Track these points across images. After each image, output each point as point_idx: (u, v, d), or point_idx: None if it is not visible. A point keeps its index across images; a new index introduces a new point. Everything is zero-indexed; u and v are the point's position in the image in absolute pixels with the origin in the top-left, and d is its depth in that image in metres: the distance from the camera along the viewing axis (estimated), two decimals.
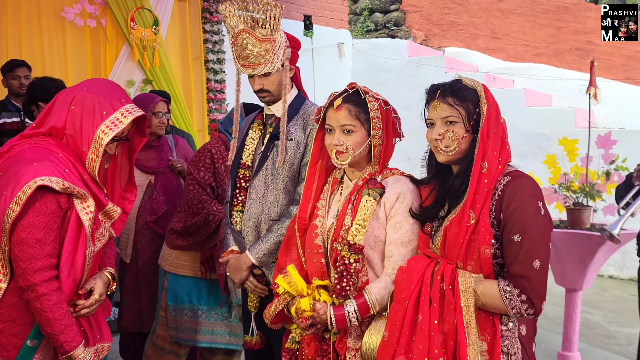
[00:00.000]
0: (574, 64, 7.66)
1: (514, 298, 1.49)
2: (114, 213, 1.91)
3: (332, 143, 1.80)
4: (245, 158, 2.28)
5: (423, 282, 1.58)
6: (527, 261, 1.49)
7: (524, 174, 1.60)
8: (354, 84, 1.83)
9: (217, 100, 6.23)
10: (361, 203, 1.77)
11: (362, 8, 9.85)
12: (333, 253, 1.79)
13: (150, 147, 3.14)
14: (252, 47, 2.06)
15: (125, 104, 1.80)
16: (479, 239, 1.53)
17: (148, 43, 5.56)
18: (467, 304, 1.52)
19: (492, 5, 8.28)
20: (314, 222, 1.86)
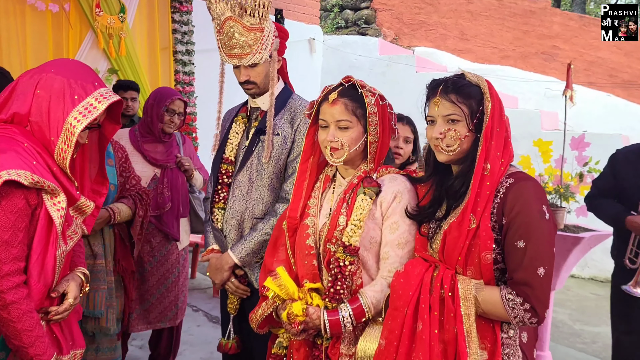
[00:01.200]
0: (539, 67, 7.82)
1: (517, 307, 1.43)
2: (87, 208, 1.75)
3: (327, 139, 1.70)
4: (228, 153, 2.18)
5: (422, 288, 1.51)
6: (531, 268, 1.42)
7: (527, 175, 1.54)
8: (350, 77, 1.73)
9: (185, 93, 6.05)
10: (357, 202, 1.68)
11: (332, 4, 9.80)
12: (326, 254, 1.70)
13: (159, 141, 3.06)
14: (239, 36, 1.96)
15: (99, 87, 1.63)
16: (479, 244, 1.46)
17: (114, 31, 5.34)
18: (467, 311, 1.45)
19: (461, 6, 8.36)
20: (305, 221, 1.77)
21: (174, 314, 3.09)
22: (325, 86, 1.76)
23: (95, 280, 2.36)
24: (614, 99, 7.15)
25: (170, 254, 3.06)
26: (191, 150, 3.35)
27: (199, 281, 5.40)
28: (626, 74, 7.29)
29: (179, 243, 3.10)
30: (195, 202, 3.29)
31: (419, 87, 5.94)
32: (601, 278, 6.16)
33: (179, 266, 3.10)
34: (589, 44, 7.54)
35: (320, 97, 1.75)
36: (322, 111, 1.72)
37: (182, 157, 3.11)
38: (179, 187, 3.09)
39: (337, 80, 1.77)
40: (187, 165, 3.10)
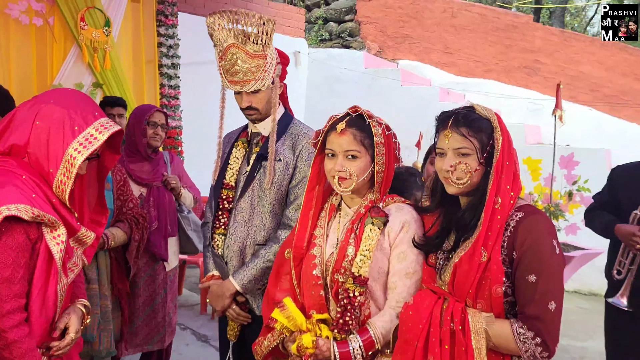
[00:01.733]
0: (522, 81, 7.94)
1: (528, 341, 1.43)
2: (87, 239, 1.71)
3: (335, 169, 1.69)
4: (229, 178, 2.16)
5: (432, 321, 1.51)
6: (542, 302, 1.43)
7: (537, 209, 1.56)
8: (358, 107, 1.74)
9: (171, 107, 6.00)
10: (365, 232, 1.67)
11: (316, 17, 9.83)
12: (334, 285, 1.69)
13: (146, 159, 3.01)
14: (242, 62, 1.94)
15: (99, 117, 1.61)
16: (490, 277, 1.47)
17: (99, 45, 5.27)
18: (478, 345, 1.45)
19: (445, 20, 8.46)
20: (311, 251, 1.75)
21: (162, 336, 3.03)
22: (332, 115, 1.75)
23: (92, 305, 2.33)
24: (596, 113, 7.29)
25: (158, 275, 3.00)
26: (180, 169, 3.30)
27: (185, 298, 5.32)
28: (607, 89, 7.45)
29: (166, 263, 3.04)
30: (184, 221, 3.23)
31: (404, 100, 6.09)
32: (584, 291, 6.25)
33: (167, 287, 3.04)
34: (570, 58, 7.68)
35: (326, 126, 1.75)
36: (330, 141, 1.72)
37: (169, 176, 3.06)
38: (165, 206, 3.03)
39: (322, 93, 1.80)
40: (174, 183, 3.05)
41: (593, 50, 7.62)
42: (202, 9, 6.68)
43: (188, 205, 3.26)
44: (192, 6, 6.62)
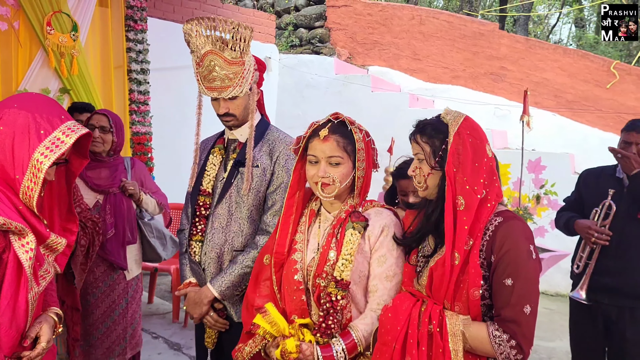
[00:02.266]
0: (489, 87, 8.12)
1: (503, 343, 1.46)
2: (58, 245, 1.67)
3: (318, 175, 1.71)
4: (206, 184, 2.15)
5: (410, 323, 1.54)
6: (518, 306, 1.46)
7: (516, 215, 1.58)
8: (339, 114, 1.76)
9: (140, 112, 5.93)
10: (346, 237, 1.70)
11: (286, 23, 9.85)
12: (315, 289, 1.71)
13: (102, 164, 2.90)
14: (220, 69, 1.94)
15: (66, 120, 1.56)
16: (468, 280, 1.50)
17: (66, 49, 5.18)
18: (455, 347, 1.49)
19: (413, 27, 8.59)
20: (292, 256, 1.76)
21: (123, 348, 2.92)
22: (312, 122, 1.77)
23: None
24: (559, 118, 7.50)
25: (117, 284, 2.91)
26: (143, 174, 3.19)
27: (157, 306, 5.25)
28: (570, 95, 7.68)
29: (127, 272, 2.96)
30: (146, 228, 3.13)
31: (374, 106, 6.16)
32: (552, 292, 6.41)
33: (127, 297, 2.95)
34: (534, 65, 7.89)
35: (308, 132, 1.76)
36: (312, 147, 1.73)
37: (127, 182, 2.95)
38: (124, 213, 2.92)
39: (293, 99, 1.83)
40: (132, 189, 2.94)
41: (556, 57, 7.85)
42: (171, 14, 6.63)
43: (151, 211, 3.16)
44: (162, 11, 6.57)
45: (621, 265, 2.77)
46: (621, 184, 2.82)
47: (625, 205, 2.77)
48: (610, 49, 15.51)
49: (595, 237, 2.74)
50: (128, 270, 2.95)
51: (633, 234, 2.77)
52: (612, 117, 7.25)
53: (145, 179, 3.17)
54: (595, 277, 2.80)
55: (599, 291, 2.81)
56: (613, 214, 2.75)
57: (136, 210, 3.05)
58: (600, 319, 2.85)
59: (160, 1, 6.59)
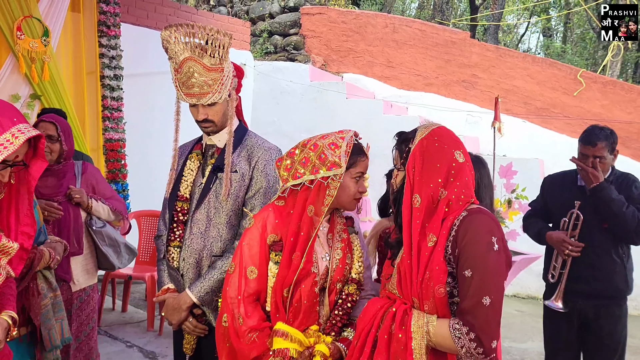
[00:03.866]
0: (461, 94, 8.27)
1: (462, 336, 1.44)
2: (10, 249, 1.67)
3: (363, 191, 1.86)
4: (183, 190, 2.15)
5: (373, 323, 1.57)
6: (476, 297, 1.45)
7: (483, 209, 1.58)
8: (356, 132, 1.91)
9: (113, 119, 5.86)
10: (354, 241, 1.89)
11: (261, 30, 9.87)
12: (331, 293, 1.83)
13: (49, 172, 2.77)
14: (199, 75, 1.95)
15: (18, 123, 1.57)
16: (433, 277, 1.49)
17: (37, 55, 5.10)
18: (418, 345, 1.48)
19: (387, 35, 8.70)
20: (312, 269, 1.79)
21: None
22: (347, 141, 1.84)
23: (59, 310, 2.24)
24: (529, 125, 7.69)
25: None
26: (95, 179, 3.06)
27: (131, 315, 5.18)
28: (539, 102, 7.87)
29: (72, 284, 2.85)
30: (97, 236, 3.00)
31: (349, 113, 6.21)
32: (523, 295, 6.54)
33: (71, 309, 2.83)
34: (505, 73, 8.08)
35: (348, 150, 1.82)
36: (362, 164, 1.87)
37: (73, 189, 2.83)
38: (69, 223, 2.80)
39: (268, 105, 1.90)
40: (78, 197, 2.82)
41: (525, 65, 8.05)
42: (145, 20, 6.58)
43: (105, 218, 3.04)
44: (135, 17, 6.52)
45: (592, 273, 2.86)
46: (583, 191, 2.90)
47: (590, 214, 2.85)
48: (576, 58, 15.95)
49: (569, 249, 2.82)
50: (74, 282, 2.85)
51: (600, 241, 2.86)
52: (579, 123, 7.46)
53: (98, 184, 3.06)
54: (569, 284, 2.88)
55: (574, 295, 2.89)
56: (581, 224, 2.83)
57: (86, 217, 2.94)
58: (576, 319, 2.93)
59: (134, 7, 6.54)
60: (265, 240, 1.80)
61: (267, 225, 1.81)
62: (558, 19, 19.63)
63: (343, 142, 1.81)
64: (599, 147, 2.79)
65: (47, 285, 2.23)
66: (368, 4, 12.91)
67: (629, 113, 7.38)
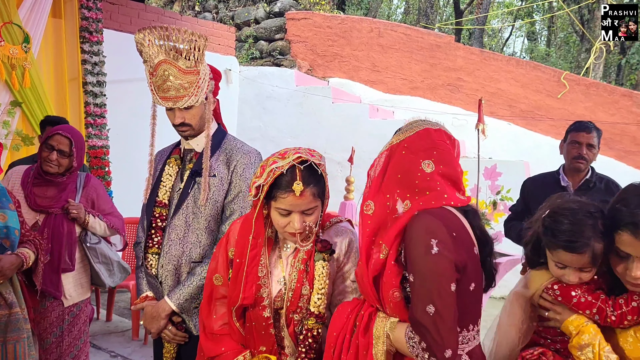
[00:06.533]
0: (446, 98, 8.30)
1: (415, 345, 1.38)
2: None
3: (294, 226, 1.59)
4: (162, 196, 2.11)
5: (346, 328, 1.52)
6: (420, 305, 1.37)
7: (432, 210, 1.45)
8: (301, 154, 1.59)
9: (96, 126, 5.80)
10: (317, 270, 1.65)
11: (246, 35, 9.85)
12: (289, 324, 1.68)
13: (51, 183, 2.75)
14: (174, 78, 1.92)
15: None
16: (388, 281, 1.43)
17: (17, 61, 5.03)
18: (378, 350, 1.44)
19: (372, 40, 8.72)
20: (258, 293, 1.68)
21: None
22: (268, 167, 1.59)
23: (14, 330, 2.20)
24: (514, 127, 7.73)
25: (49, 312, 2.72)
26: (97, 194, 2.98)
27: (115, 324, 5.11)
28: (523, 105, 7.92)
29: (65, 299, 2.79)
30: (90, 252, 2.92)
31: (335, 117, 6.18)
32: None
33: (63, 325, 2.77)
34: (489, 76, 8.12)
35: (269, 180, 1.58)
36: (283, 201, 1.58)
37: (71, 204, 2.76)
38: (62, 237, 2.73)
39: (254, 111, 1.75)
40: (75, 213, 2.75)
41: (509, 68, 8.10)
42: (128, 26, 6.53)
43: (100, 234, 2.97)
44: (119, 23, 6.47)
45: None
46: (566, 191, 2.91)
47: None
48: (560, 61, 16.12)
49: None
50: (66, 297, 2.79)
51: None
52: (563, 125, 7.48)
53: (99, 199, 2.98)
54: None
55: None
56: None
57: (81, 233, 2.88)
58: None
59: (117, 13, 6.49)
60: (227, 252, 1.75)
61: (231, 237, 1.76)
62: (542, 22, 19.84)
63: (267, 168, 1.59)
64: (592, 135, 2.88)
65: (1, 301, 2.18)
66: (353, 9, 12.94)
67: (612, 115, 7.45)
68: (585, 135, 2.86)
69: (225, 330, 1.74)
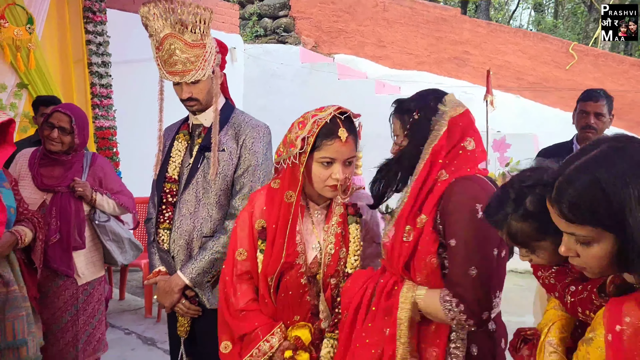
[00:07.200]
0: (453, 71, 8.22)
1: (452, 308, 1.40)
2: None
3: (335, 177, 1.62)
4: (172, 171, 2.11)
5: (364, 294, 1.54)
6: (462, 268, 1.40)
7: (472, 176, 1.48)
8: (343, 107, 1.67)
9: (103, 106, 5.80)
10: (352, 233, 1.70)
11: (250, 13, 9.76)
12: (326, 288, 1.69)
13: (57, 162, 2.76)
14: (181, 52, 1.91)
15: None
16: (423, 248, 1.45)
17: (22, 43, 5.01)
18: (403, 314, 1.46)
19: (377, 14, 8.62)
20: (295, 261, 1.69)
21: (73, 356, 2.77)
22: (315, 119, 1.63)
23: (12, 308, 2.21)
24: (522, 100, 7.66)
25: (62, 291, 2.75)
26: (104, 172, 2.97)
27: (128, 302, 5.18)
28: (531, 77, 7.83)
29: (78, 277, 2.80)
30: (100, 230, 2.91)
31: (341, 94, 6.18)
32: (521, 270, 6.55)
33: (78, 303, 2.79)
34: (496, 49, 8.02)
35: (315, 131, 1.62)
36: (328, 149, 1.62)
37: (77, 182, 2.75)
38: (70, 216, 2.72)
39: (259, 89, 1.74)
40: (81, 190, 2.73)
41: (517, 40, 8.00)
42: (131, 5, 6.47)
43: (109, 212, 2.96)
44: (121, 3, 6.41)
45: None
46: None
47: None
48: (568, 32, 15.88)
49: None
50: (79, 276, 2.81)
51: None
52: (571, 97, 7.41)
53: (106, 177, 2.98)
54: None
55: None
56: None
57: (90, 211, 2.88)
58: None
59: None
60: (254, 225, 1.75)
61: (256, 209, 1.76)
62: None
63: (310, 120, 1.63)
64: (600, 103, 2.84)
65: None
66: None
67: (621, 85, 7.36)
68: (593, 104, 2.84)
69: (253, 306, 1.73)
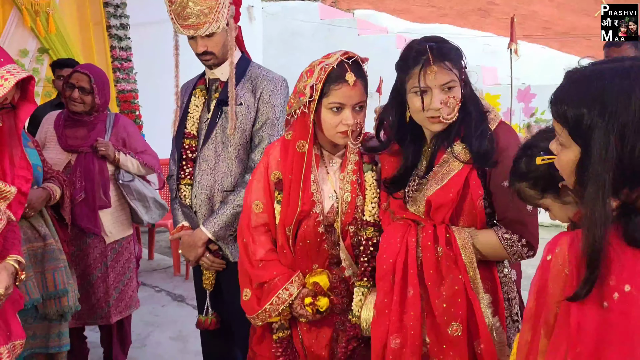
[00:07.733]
0: (477, 23, 7.98)
1: (514, 244, 1.53)
2: (8, 194, 1.65)
3: (346, 123, 1.61)
4: (190, 127, 2.12)
5: (408, 252, 1.56)
6: (520, 205, 1.48)
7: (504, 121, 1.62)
8: (350, 52, 1.66)
9: (124, 69, 5.81)
10: (367, 180, 1.72)
11: None
12: (345, 236, 1.72)
13: (80, 123, 2.81)
14: (194, 5, 1.89)
15: (5, 64, 1.50)
16: (471, 193, 1.54)
17: (40, 7, 5.02)
18: (469, 259, 1.53)
19: None
20: (312, 210, 1.71)
21: (106, 312, 2.85)
22: (322, 66, 1.63)
23: (51, 260, 2.30)
24: (549, 50, 7.42)
25: (91, 249, 2.82)
26: (127, 132, 3.00)
27: (157, 262, 5.32)
28: (559, 26, 7.56)
29: (105, 236, 2.86)
30: (125, 190, 2.94)
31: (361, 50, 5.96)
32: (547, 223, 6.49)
33: (107, 261, 2.86)
34: None
35: (322, 77, 1.61)
36: (337, 94, 1.62)
37: (100, 142, 2.79)
38: (94, 175, 2.77)
39: (280, 48, 1.72)
40: (103, 150, 2.77)
41: None
42: None
43: (134, 172, 2.98)
44: None
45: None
46: None
47: None
48: None
49: None
50: (106, 234, 2.86)
51: None
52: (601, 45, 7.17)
53: (129, 137, 3.01)
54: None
55: None
56: None
57: (114, 171, 2.91)
58: None
59: None
60: (269, 176, 1.77)
61: (271, 161, 1.78)
62: None
63: (317, 67, 1.62)
64: (625, 47, 2.75)
65: (31, 232, 2.26)
66: None
67: None
68: (617, 49, 2.75)
69: (271, 257, 1.75)
